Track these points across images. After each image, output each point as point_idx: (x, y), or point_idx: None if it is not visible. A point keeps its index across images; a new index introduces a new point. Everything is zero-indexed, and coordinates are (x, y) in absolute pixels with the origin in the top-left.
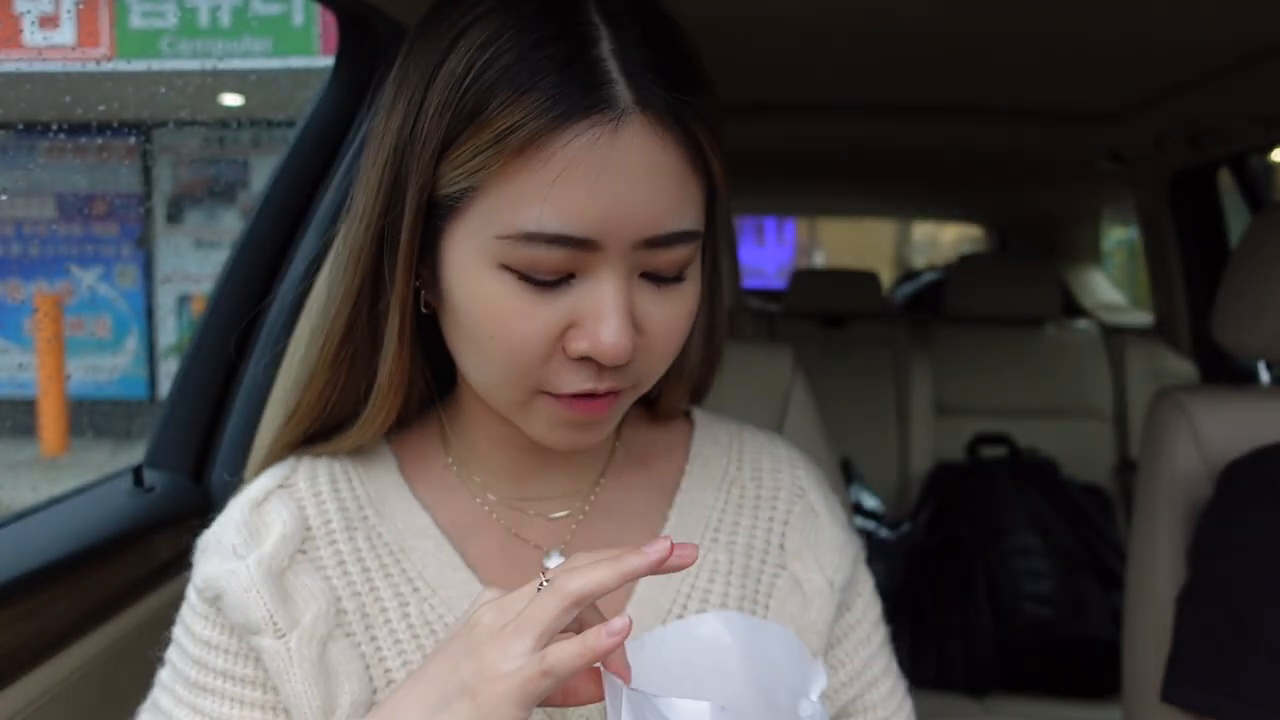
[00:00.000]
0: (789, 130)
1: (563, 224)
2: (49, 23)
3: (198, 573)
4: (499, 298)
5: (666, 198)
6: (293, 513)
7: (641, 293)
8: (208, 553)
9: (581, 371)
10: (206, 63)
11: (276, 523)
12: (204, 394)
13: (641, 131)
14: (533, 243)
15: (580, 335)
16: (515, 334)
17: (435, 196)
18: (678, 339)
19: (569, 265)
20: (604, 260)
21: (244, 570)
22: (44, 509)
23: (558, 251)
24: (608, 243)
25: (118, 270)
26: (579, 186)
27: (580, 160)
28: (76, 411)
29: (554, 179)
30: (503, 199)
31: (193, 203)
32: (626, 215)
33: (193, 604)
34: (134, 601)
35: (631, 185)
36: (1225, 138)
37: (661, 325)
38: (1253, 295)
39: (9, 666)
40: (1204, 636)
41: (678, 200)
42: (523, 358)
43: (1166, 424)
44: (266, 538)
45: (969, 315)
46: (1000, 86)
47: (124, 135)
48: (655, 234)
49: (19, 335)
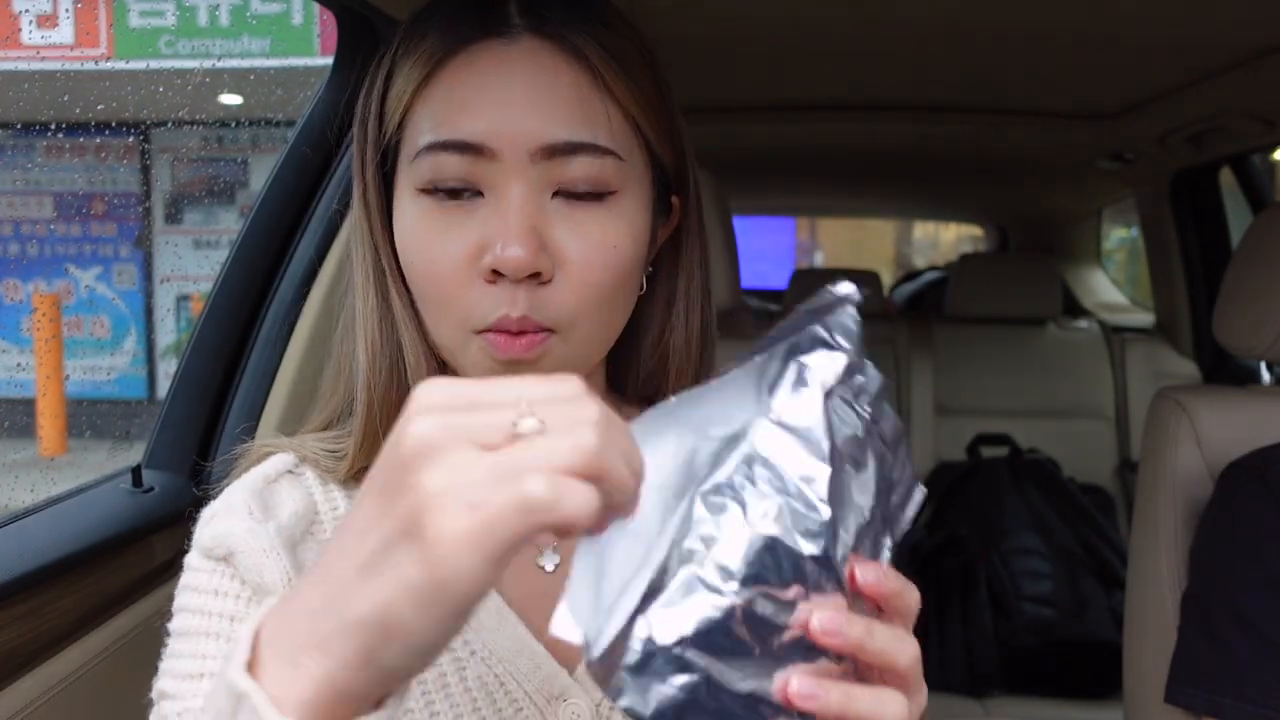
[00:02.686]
0: (789, 130)
1: (453, 130)
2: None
3: (204, 534)
4: (418, 223)
5: (561, 109)
6: (303, 496)
7: (555, 214)
8: (217, 516)
9: (496, 295)
10: (205, 62)
11: (288, 500)
12: (203, 394)
13: (532, 51)
14: (430, 153)
15: (487, 251)
16: (434, 257)
17: (383, 147)
18: (598, 271)
19: (468, 175)
20: (505, 172)
21: (263, 532)
22: (43, 509)
23: (453, 158)
24: (500, 149)
25: (116, 270)
26: (470, 95)
27: (473, 74)
28: (75, 411)
29: (448, 95)
30: (417, 128)
31: (191, 202)
32: (516, 122)
33: (195, 565)
34: (133, 601)
35: (519, 96)
36: (1226, 137)
37: (579, 252)
38: (1254, 295)
39: (9, 666)
40: (1206, 637)
41: (575, 114)
42: (441, 283)
43: (1167, 424)
44: (280, 511)
45: (969, 315)
46: (1001, 86)
47: (122, 135)
48: (550, 141)
49: (17, 335)
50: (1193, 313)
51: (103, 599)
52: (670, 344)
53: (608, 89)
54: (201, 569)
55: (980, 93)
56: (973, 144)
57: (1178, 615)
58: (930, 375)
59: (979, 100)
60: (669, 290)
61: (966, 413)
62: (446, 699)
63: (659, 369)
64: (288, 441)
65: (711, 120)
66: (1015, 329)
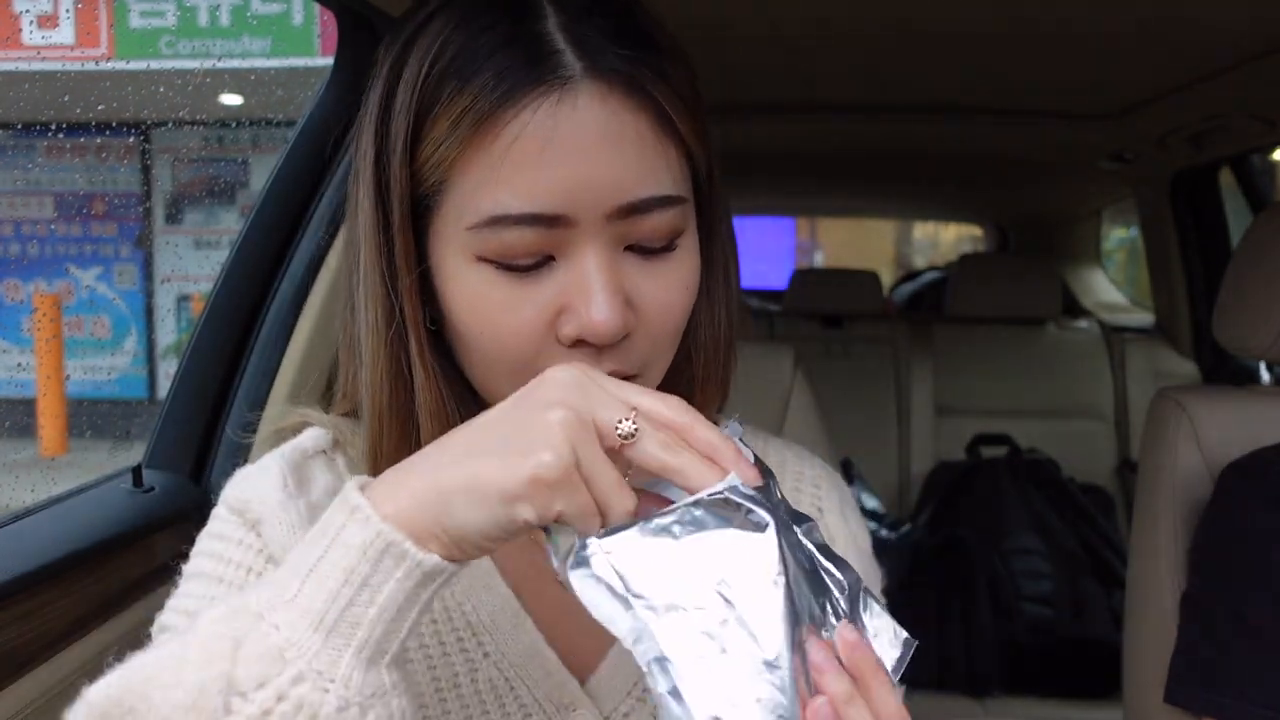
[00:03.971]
0: (789, 130)
1: (525, 202)
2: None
3: (233, 492)
4: (482, 292)
5: (632, 162)
6: (333, 479)
7: (630, 267)
8: (250, 478)
9: (578, 355)
10: (205, 62)
11: (320, 480)
12: (203, 394)
13: (595, 98)
14: (500, 226)
15: (569, 318)
16: (504, 327)
17: (415, 198)
18: (677, 315)
19: (543, 245)
20: (580, 236)
21: (295, 509)
22: (43, 509)
23: (527, 232)
24: (577, 215)
25: (117, 270)
26: (534, 160)
27: (532, 134)
28: (75, 411)
29: (506, 156)
30: (467, 188)
31: (192, 202)
32: (590, 184)
33: (220, 515)
34: (133, 601)
35: (590, 152)
36: (1226, 137)
37: (656, 300)
38: (1254, 295)
39: (9, 666)
40: (1206, 637)
41: (646, 164)
42: (516, 351)
43: (1167, 424)
44: (314, 488)
45: (969, 315)
46: (1001, 86)
47: (123, 135)
48: (626, 201)
49: (18, 335)
50: (1192, 313)
51: (103, 599)
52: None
53: (674, 129)
54: (227, 520)
55: (980, 93)
56: (973, 144)
57: (1178, 615)
58: (930, 375)
59: (979, 100)
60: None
61: (966, 413)
62: (458, 699)
63: (685, 363)
64: (326, 418)
65: (712, 120)
66: (1015, 329)
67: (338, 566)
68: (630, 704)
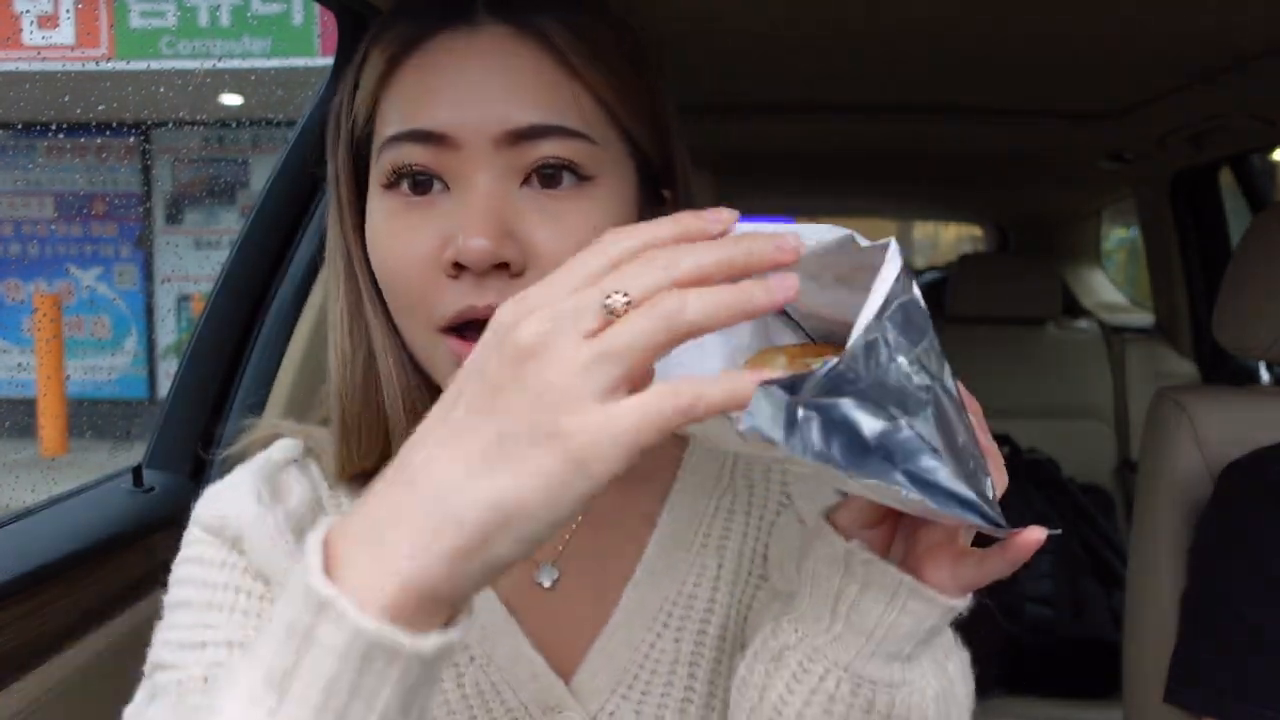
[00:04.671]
0: (789, 130)
1: (414, 120)
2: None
3: (206, 511)
4: (383, 221)
5: (525, 93)
6: (309, 487)
7: (525, 202)
8: (222, 496)
9: (459, 286)
10: (206, 62)
11: (296, 488)
12: (203, 394)
13: (495, 36)
14: (392, 146)
15: (450, 243)
16: (398, 254)
17: (355, 148)
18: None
19: (433, 166)
20: (468, 163)
21: (272, 520)
22: (44, 509)
23: (415, 149)
24: (462, 137)
25: (117, 270)
26: (432, 85)
27: (431, 64)
28: (76, 411)
29: (413, 85)
30: (384, 118)
31: (192, 202)
32: (477, 108)
33: (197, 538)
34: (133, 601)
35: (479, 81)
36: (1226, 137)
37: (552, 240)
38: (1254, 295)
39: (9, 666)
40: (1205, 637)
41: (541, 96)
42: (408, 280)
43: (1167, 424)
44: (289, 497)
45: (969, 315)
46: (1000, 86)
47: (123, 135)
48: (513, 126)
49: (18, 335)
50: (1192, 313)
51: (103, 599)
52: None
53: (575, 72)
54: (205, 542)
55: (980, 93)
56: (973, 144)
57: (1177, 615)
58: None
59: (979, 100)
60: None
61: None
62: (444, 704)
63: None
64: (297, 427)
65: (711, 120)
66: (1015, 329)
67: (318, 677)
68: (615, 702)
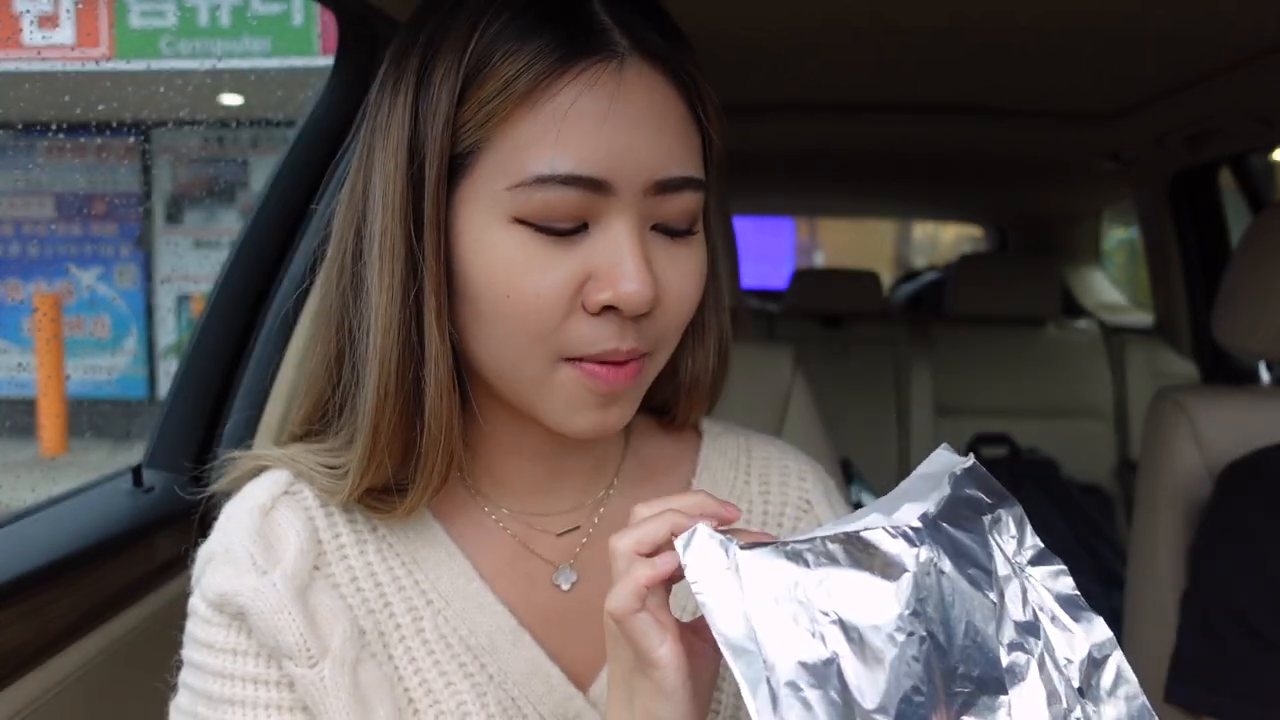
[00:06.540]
0: (789, 130)
1: (575, 164)
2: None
3: (208, 585)
4: (514, 253)
5: (671, 141)
6: (305, 523)
7: (654, 247)
8: (217, 563)
9: (604, 327)
10: (206, 62)
11: (290, 533)
12: (203, 394)
13: (643, 75)
14: (545, 186)
15: (601, 285)
16: (532, 289)
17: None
18: (691, 300)
19: (583, 210)
20: (616, 206)
21: (271, 589)
22: (44, 509)
23: (571, 194)
24: (619, 185)
25: (117, 270)
26: (587, 127)
27: (586, 102)
28: (76, 411)
29: (562, 121)
30: (512, 149)
31: (192, 202)
32: (635, 155)
33: (206, 617)
34: (133, 601)
35: (637, 126)
36: (1225, 137)
37: (675, 284)
38: (1253, 295)
39: (9, 666)
40: (1205, 636)
41: (682, 145)
42: (541, 316)
43: (1166, 424)
44: (284, 551)
45: (969, 315)
46: (1000, 86)
47: (123, 135)
48: (664, 177)
49: (18, 335)
50: (1192, 313)
51: (103, 599)
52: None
53: (706, 118)
54: (213, 622)
55: (980, 93)
56: (972, 144)
57: (1177, 615)
58: (930, 375)
59: (978, 100)
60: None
61: (966, 413)
62: None
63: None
64: (281, 454)
65: None
66: (1015, 329)
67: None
68: None
